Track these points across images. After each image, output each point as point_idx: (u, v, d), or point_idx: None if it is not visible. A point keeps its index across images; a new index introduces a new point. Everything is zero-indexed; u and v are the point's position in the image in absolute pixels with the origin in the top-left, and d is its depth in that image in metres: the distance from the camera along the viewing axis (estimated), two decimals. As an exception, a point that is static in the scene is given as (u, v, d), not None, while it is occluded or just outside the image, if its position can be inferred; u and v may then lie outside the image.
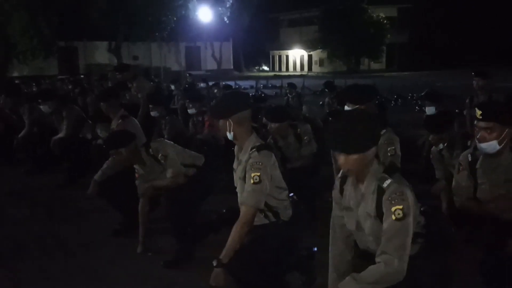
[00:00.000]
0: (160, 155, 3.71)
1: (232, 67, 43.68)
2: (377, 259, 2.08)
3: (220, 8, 36.84)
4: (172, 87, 11.98)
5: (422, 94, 16.54)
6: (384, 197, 2.11)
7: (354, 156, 2.12)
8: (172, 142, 3.90)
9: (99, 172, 4.35)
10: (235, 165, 2.92)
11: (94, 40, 34.75)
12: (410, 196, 2.09)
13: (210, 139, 6.19)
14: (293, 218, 2.84)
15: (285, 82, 22.84)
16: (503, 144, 2.71)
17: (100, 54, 35.55)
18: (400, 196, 2.08)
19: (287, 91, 9.78)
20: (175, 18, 33.14)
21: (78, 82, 12.36)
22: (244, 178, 2.73)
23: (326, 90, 9.17)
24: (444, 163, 4.08)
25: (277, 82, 24.33)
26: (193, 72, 22.72)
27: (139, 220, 3.94)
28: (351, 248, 2.42)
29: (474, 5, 40.10)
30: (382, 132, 3.60)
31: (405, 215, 2.05)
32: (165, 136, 6.57)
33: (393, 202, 2.08)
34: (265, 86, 24.23)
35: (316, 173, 4.86)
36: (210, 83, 13.21)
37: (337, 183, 2.42)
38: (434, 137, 3.98)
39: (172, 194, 3.72)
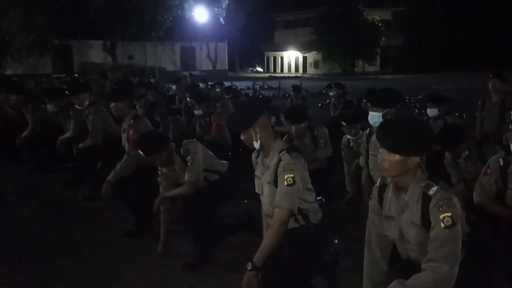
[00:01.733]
0: (189, 157, 3.63)
1: (227, 67, 43.57)
2: (423, 266, 2.05)
3: (216, 9, 36.70)
4: (174, 87, 11.91)
5: (420, 97, 16.81)
6: (431, 204, 2.08)
7: (396, 157, 2.11)
8: (202, 145, 3.83)
9: (112, 173, 4.28)
10: (258, 172, 2.88)
11: (89, 38, 34.47)
12: (457, 203, 2.08)
13: (218, 140, 6.15)
14: (322, 221, 2.80)
15: (282, 83, 23.04)
16: None
17: (95, 53, 35.26)
18: (448, 203, 2.05)
19: (292, 93, 9.73)
20: (171, 18, 32.98)
21: (75, 81, 12.25)
22: (274, 182, 2.71)
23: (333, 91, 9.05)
24: (460, 170, 4.06)
25: (273, 83, 24.33)
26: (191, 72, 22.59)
27: (161, 218, 3.88)
28: (387, 258, 2.39)
29: (470, 8, 40.39)
30: None
31: (454, 223, 2.03)
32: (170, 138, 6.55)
33: (441, 209, 2.05)
34: (261, 87, 24.19)
35: (331, 177, 4.83)
36: (210, 83, 13.18)
37: (374, 192, 2.39)
38: (450, 153, 3.94)
39: (188, 198, 3.67)
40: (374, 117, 3.70)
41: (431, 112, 5.46)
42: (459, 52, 41.18)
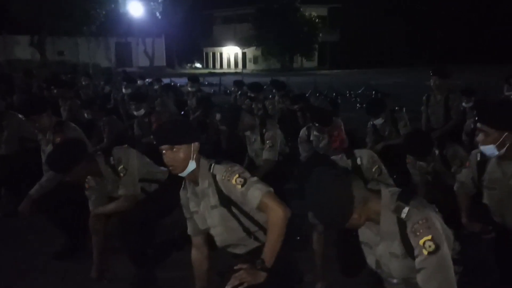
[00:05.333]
0: (121, 166, 3.12)
1: (165, 64, 42.45)
2: None
3: (152, 3, 35.61)
4: (108, 87, 11.17)
5: (360, 91, 17.04)
6: (408, 230, 1.76)
7: None
8: (136, 152, 3.32)
9: (36, 186, 3.69)
10: (193, 207, 2.46)
11: (14, 33, 32.24)
12: (436, 220, 1.76)
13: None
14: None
15: (223, 79, 22.64)
16: (504, 149, 2.48)
17: (22, 49, 32.99)
18: (425, 224, 1.73)
19: (235, 88, 9.37)
20: (104, 12, 31.54)
21: (5, 80, 11.13)
22: (221, 202, 2.32)
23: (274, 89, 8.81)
24: (420, 169, 3.87)
25: (213, 80, 23.88)
26: (125, 69, 21.63)
27: (92, 240, 3.34)
28: None
29: (406, 3, 41.92)
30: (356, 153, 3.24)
31: (437, 246, 1.71)
32: (105, 140, 5.96)
33: (417, 233, 1.73)
34: (201, 84, 23.60)
35: (284, 181, 4.44)
36: (148, 80, 12.52)
37: None
38: (423, 163, 3.71)
39: (126, 215, 3.16)
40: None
41: (377, 122, 5.21)
42: (395, 48, 42.64)
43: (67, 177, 3.05)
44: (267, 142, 4.36)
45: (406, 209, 1.77)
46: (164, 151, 2.26)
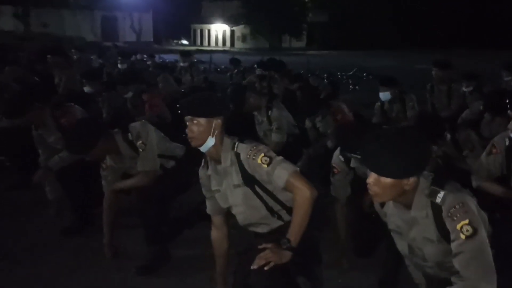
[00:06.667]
0: (140, 142, 3.04)
1: (152, 39, 41.72)
2: (455, 281, 1.75)
3: (140, -24, 34.82)
4: (100, 61, 10.93)
5: (351, 73, 16.97)
6: (444, 214, 1.74)
7: (386, 180, 1.73)
8: (153, 127, 3.23)
9: (56, 158, 3.57)
10: (215, 186, 2.41)
11: (-3, 3, 31.26)
12: (472, 204, 1.74)
13: (155, 120, 5.53)
14: None
15: (214, 57, 22.34)
16: None
17: (5, 20, 31.97)
18: (462, 208, 1.71)
19: (231, 66, 9.27)
20: (90, -16, 30.77)
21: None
22: (246, 181, 2.28)
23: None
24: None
25: (202, 57, 23.54)
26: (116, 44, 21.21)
27: (105, 216, 3.28)
28: None
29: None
30: None
31: (475, 230, 1.69)
32: (104, 116, 5.84)
33: (455, 218, 1.71)
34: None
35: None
36: (139, 56, 12.28)
37: (376, 203, 2.05)
38: (434, 146, 3.69)
39: (145, 191, 3.10)
40: None
41: (384, 96, 5.24)
42: (385, 30, 42.49)
43: (87, 157, 2.98)
44: (274, 124, 4.35)
45: (441, 194, 1.76)
46: (187, 122, 2.24)
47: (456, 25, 41.78)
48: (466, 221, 1.70)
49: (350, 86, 13.78)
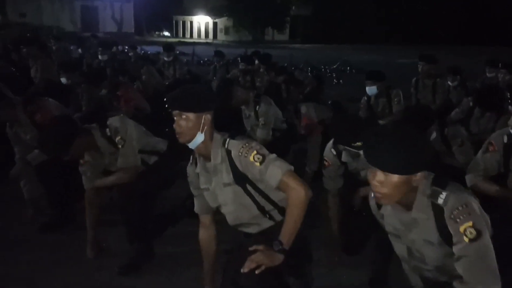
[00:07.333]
0: (119, 137, 2.91)
1: (133, 30, 41.04)
2: (456, 285, 1.68)
3: (120, -34, 34.15)
4: (79, 50, 10.67)
5: (335, 66, 16.97)
6: (446, 216, 1.66)
7: (394, 178, 1.64)
8: (133, 121, 3.11)
9: (35, 152, 3.42)
10: (203, 183, 2.29)
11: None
12: (476, 206, 1.67)
13: (134, 112, 5.35)
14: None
15: (197, 49, 22.08)
16: None
17: (-20, 8, 31.19)
18: (465, 210, 1.63)
19: (215, 59, 9.10)
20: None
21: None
22: (236, 180, 2.18)
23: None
24: None
25: (184, 49, 23.24)
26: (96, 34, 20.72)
27: (87, 215, 3.15)
28: None
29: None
30: None
31: (479, 233, 1.62)
32: (83, 108, 5.64)
33: (458, 220, 1.63)
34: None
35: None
36: (120, 47, 12.04)
37: (372, 203, 1.96)
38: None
39: (127, 187, 2.98)
40: None
41: (371, 90, 5.19)
42: (367, 25, 42.62)
43: (64, 157, 2.84)
44: (260, 119, 4.29)
45: (443, 195, 1.68)
46: (174, 117, 2.13)
47: (440, 21, 42.11)
48: (470, 223, 1.62)
49: (334, 80, 13.76)
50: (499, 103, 4.03)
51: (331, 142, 3.05)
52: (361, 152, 2.79)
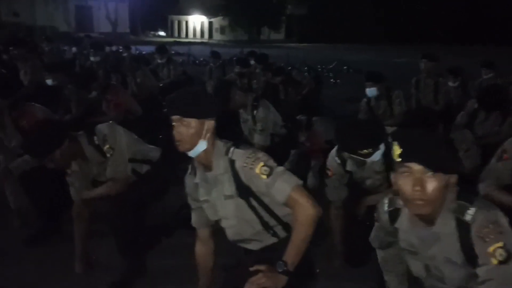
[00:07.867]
0: (107, 146, 2.74)
1: (128, 30, 40.82)
2: None
3: (115, -35, 33.95)
4: (73, 49, 10.47)
5: (331, 66, 16.83)
6: (473, 234, 1.52)
7: (434, 182, 1.50)
8: (123, 128, 2.93)
9: (19, 161, 3.26)
10: (203, 195, 2.11)
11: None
12: (506, 224, 1.52)
13: (126, 116, 5.15)
14: None
15: (193, 49, 21.90)
16: None
17: (-28, 8, 30.92)
18: (496, 229, 1.49)
19: (210, 59, 8.94)
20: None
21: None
22: (239, 192, 2.01)
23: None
24: None
25: (180, 49, 23.05)
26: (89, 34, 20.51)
27: (76, 228, 2.97)
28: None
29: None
30: None
31: (510, 255, 1.47)
32: (73, 111, 5.43)
33: (487, 239, 1.48)
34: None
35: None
36: (114, 48, 11.87)
37: (383, 217, 1.80)
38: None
39: (118, 198, 2.80)
40: None
41: (371, 92, 5.05)
42: (363, 25, 42.52)
43: (48, 163, 2.66)
44: (258, 124, 4.16)
45: (471, 210, 1.53)
46: (174, 123, 1.94)
47: (439, 20, 42.03)
48: (501, 244, 1.48)
49: (331, 80, 13.61)
50: (503, 102, 3.91)
51: (334, 150, 2.87)
52: (368, 160, 2.64)
